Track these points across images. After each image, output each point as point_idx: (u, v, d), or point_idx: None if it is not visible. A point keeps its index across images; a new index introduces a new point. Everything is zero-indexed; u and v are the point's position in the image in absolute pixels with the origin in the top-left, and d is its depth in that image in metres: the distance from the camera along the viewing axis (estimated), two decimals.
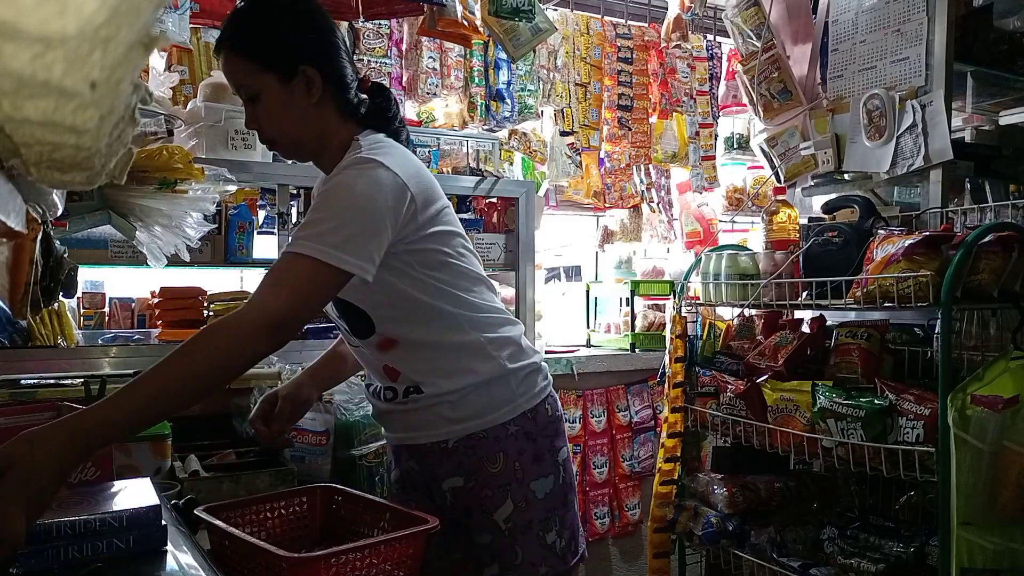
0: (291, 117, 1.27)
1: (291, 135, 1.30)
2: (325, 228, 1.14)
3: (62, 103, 0.52)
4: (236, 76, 1.28)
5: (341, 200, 1.18)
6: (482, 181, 2.47)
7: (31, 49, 0.47)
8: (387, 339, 1.31)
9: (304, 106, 1.27)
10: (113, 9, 0.47)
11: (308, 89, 1.26)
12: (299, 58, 1.25)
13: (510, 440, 1.32)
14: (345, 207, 1.17)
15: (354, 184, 1.18)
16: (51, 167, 0.60)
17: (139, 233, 1.65)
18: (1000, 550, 1.40)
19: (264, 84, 1.25)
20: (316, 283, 1.14)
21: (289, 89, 1.26)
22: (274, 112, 1.27)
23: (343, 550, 1.03)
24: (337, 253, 1.12)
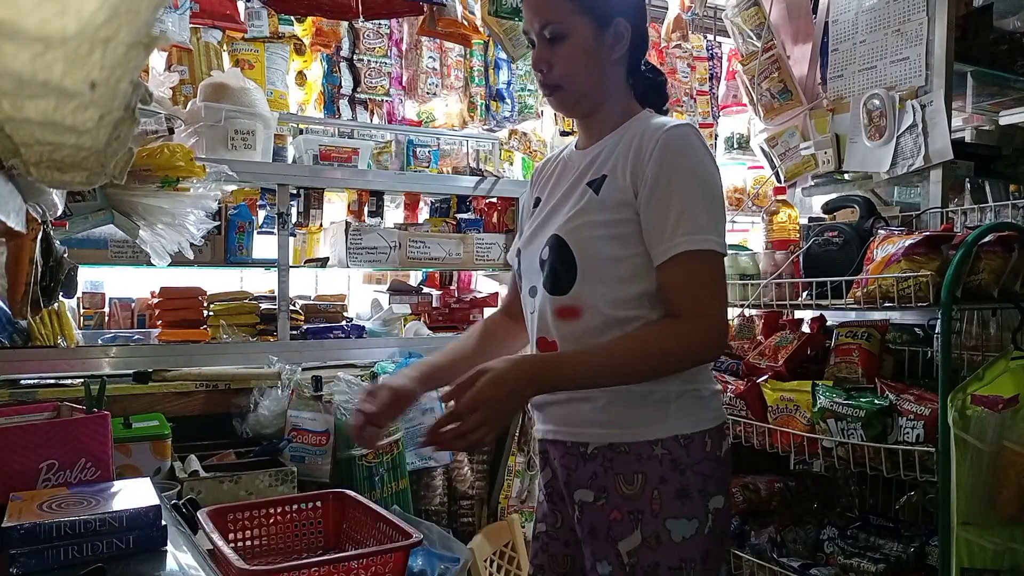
0: (589, 67, 1.20)
1: (581, 86, 1.21)
2: (709, 217, 1.11)
3: (62, 103, 0.52)
4: (546, 12, 1.19)
5: (693, 174, 1.13)
6: (482, 181, 2.47)
7: (31, 49, 0.47)
8: (572, 306, 1.18)
9: (605, 60, 1.20)
10: (113, 9, 0.47)
11: (615, 43, 1.20)
12: (618, 9, 1.20)
13: (653, 463, 1.15)
14: (697, 180, 1.12)
15: (690, 153, 1.13)
16: (51, 167, 0.60)
17: (142, 232, 1.65)
18: (1000, 550, 1.40)
19: (576, 26, 1.17)
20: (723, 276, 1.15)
21: (599, 38, 1.19)
22: (575, 58, 1.19)
23: (299, 565, 1.02)
24: (722, 240, 1.13)
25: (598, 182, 1.19)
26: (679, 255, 1.10)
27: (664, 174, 1.12)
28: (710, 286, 1.11)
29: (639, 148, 1.15)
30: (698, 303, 1.10)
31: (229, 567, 0.99)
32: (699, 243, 1.10)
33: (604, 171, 1.19)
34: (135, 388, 1.86)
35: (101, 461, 1.13)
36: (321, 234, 2.62)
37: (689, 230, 1.10)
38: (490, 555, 2.26)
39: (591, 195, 1.19)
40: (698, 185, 1.12)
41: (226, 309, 2.13)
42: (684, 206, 1.11)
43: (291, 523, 1.29)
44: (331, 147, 2.37)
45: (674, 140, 1.13)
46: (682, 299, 1.11)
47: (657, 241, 1.13)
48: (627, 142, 1.18)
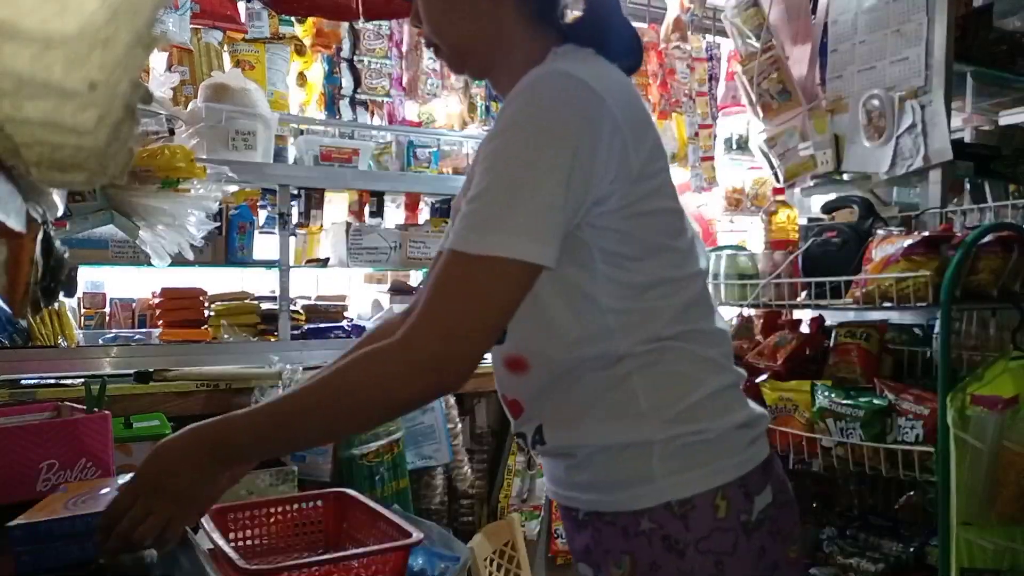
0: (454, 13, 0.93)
1: (454, 36, 0.94)
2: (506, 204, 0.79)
3: (62, 103, 0.52)
4: None
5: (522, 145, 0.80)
6: None
7: (31, 49, 0.47)
8: (515, 357, 0.92)
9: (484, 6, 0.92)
10: (113, 9, 0.48)
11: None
12: None
13: (641, 540, 0.85)
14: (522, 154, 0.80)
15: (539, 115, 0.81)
16: (51, 167, 0.60)
17: (142, 232, 1.66)
18: (1000, 550, 1.40)
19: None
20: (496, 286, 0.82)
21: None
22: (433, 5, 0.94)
23: (300, 564, 1.02)
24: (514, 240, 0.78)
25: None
26: (447, 251, 0.81)
27: (484, 143, 0.86)
28: (439, 296, 0.80)
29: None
30: (424, 310, 0.79)
31: (229, 567, 0.99)
32: (456, 243, 0.79)
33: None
34: (136, 388, 1.86)
35: (102, 461, 1.13)
36: (322, 234, 2.62)
37: (467, 224, 0.79)
38: (490, 554, 2.26)
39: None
40: (514, 154, 0.80)
41: (227, 309, 2.13)
42: (480, 187, 0.80)
43: (291, 522, 1.29)
44: (332, 148, 2.37)
45: (516, 93, 0.83)
46: (421, 303, 0.81)
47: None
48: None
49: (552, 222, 0.79)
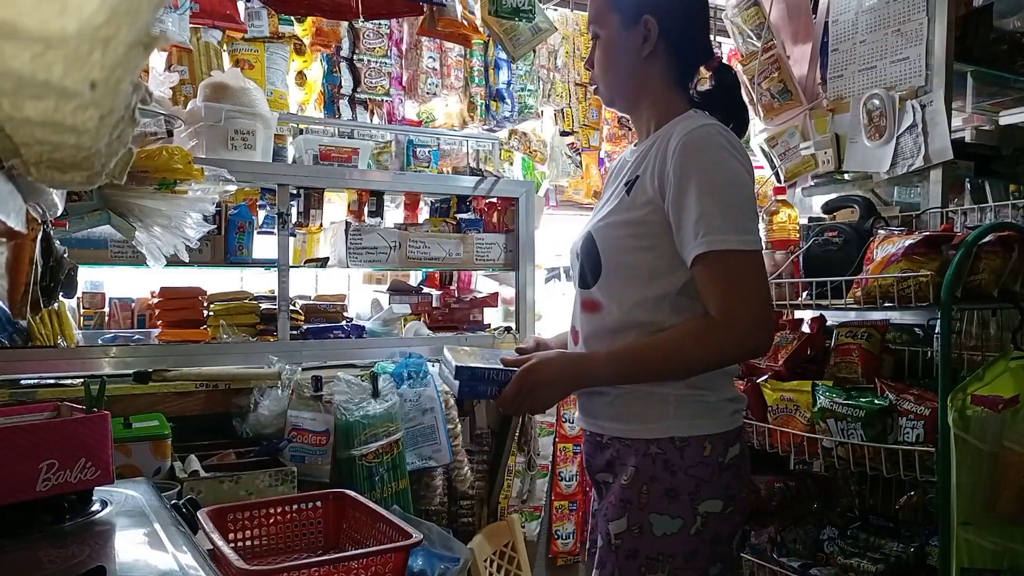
0: (618, 64, 1.27)
1: (612, 82, 1.30)
2: (728, 216, 1.14)
3: (62, 103, 0.52)
4: (592, 10, 1.30)
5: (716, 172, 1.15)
6: (482, 181, 2.47)
7: (31, 49, 0.47)
8: (595, 301, 1.26)
9: (634, 57, 1.25)
10: (113, 9, 0.47)
11: (643, 39, 1.25)
12: (647, 7, 1.24)
13: (647, 459, 1.20)
14: (720, 178, 1.15)
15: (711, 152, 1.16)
16: (51, 167, 0.60)
17: (138, 233, 1.65)
18: (1000, 550, 1.40)
19: (607, 23, 1.26)
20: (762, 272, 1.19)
21: (627, 35, 1.25)
22: (605, 55, 1.28)
23: (299, 565, 1.02)
24: (748, 237, 1.15)
25: (632, 182, 1.23)
26: (700, 256, 1.13)
27: (684, 176, 1.15)
28: (735, 286, 1.13)
29: (665, 150, 1.18)
30: (723, 304, 1.13)
31: (229, 567, 0.99)
32: (716, 243, 1.12)
33: (639, 172, 1.23)
34: (135, 388, 1.86)
35: (101, 461, 1.12)
36: (321, 234, 2.62)
37: (707, 231, 1.12)
38: (490, 555, 2.26)
39: (623, 195, 1.24)
40: (717, 185, 1.14)
41: (226, 309, 2.13)
42: (702, 208, 1.13)
43: (291, 523, 1.29)
44: (331, 147, 2.37)
45: (695, 141, 1.16)
46: (710, 301, 1.15)
47: (683, 245, 1.16)
48: (661, 143, 1.21)
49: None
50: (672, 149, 1.17)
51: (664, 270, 1.19)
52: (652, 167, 1.20)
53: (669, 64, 1.27)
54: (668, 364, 1.17)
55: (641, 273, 1.20)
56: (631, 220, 1.20)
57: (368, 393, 2.04)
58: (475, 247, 2.44)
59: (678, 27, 1.26)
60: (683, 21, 1.27)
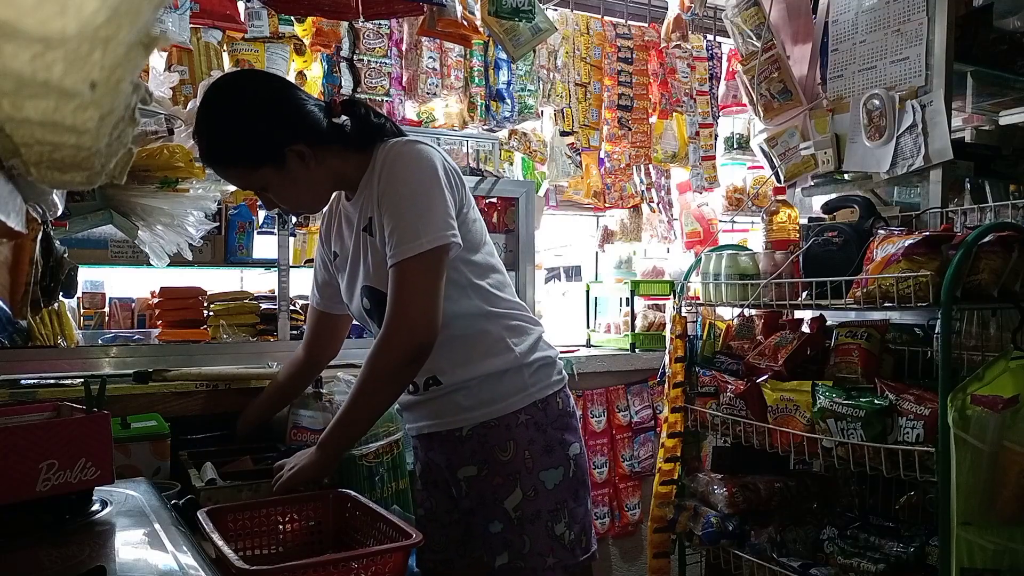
0: (302, 189, 1.35)
1: (311, 200, 1.40)
2: (417, 220, 1.27)
3: (62, 103, 0.52)
4: (237, 182, 1.39)
5: (409, 184, 1.29)
6: (482, 181, 2.47)
7: (31, 49, 0.47)
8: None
9: (308, 174, 1.34)
10: (113, 9, 0.47)
11: (303, 160, 1.33)
12: (281, 144, 1.31)
13: (520, 429, 1.36)
14: (413, 187, 1.29)
15: (407, 164, 1.30)
16: (51, 167, 0.60)
17: (141, 232, 1.65)
18: (1000, 550, 1.40)
19: (265, 177, 1.32)
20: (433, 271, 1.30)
21: (287, 170, 1.32)
22: (287, 194, 1.36)
23: (300, 565, 1.02)
24: (436, 234, 1.27)
25: (369, 226, 1.35)
26: (393, 267, 1.27)
27: (387, 192, 1.30)
28: (410, 288, 1.27)
29: (376, 176, 1.32)
30: (394, 311, 1.27)
31: (229, 567, 0.99)
32: (403, 253, 1.25)
33: (369, 213, 1.35)
34: (135, 388, 1.86)
35: (101, 461, 1.12)
36: None
37: (400, 240, 1.26)
38: None
39: (369, 239, 1.35)
40: (408, 198, 1.28)
41: (226, 309, 2.13)
42: (396, 220, 1.27)
43: (291, 523, 1.29)
44: None
45: (390, 157, 1.31)
46: (390, 309, 1.28)
47: (388, 253, 1.28)
48: (375, 177, 1.34)
49: None
50: (376, 175, 1.32)
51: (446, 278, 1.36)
52: (374, 199, 1.33)
53: (329, 147, 1.35)
54: (369, 395, 1.33)
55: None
56: (385, 256, 1.32)
57: None
58: None
59: (308, 127, 1.33)
60: (305, 118, 1.33)
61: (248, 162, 1.31)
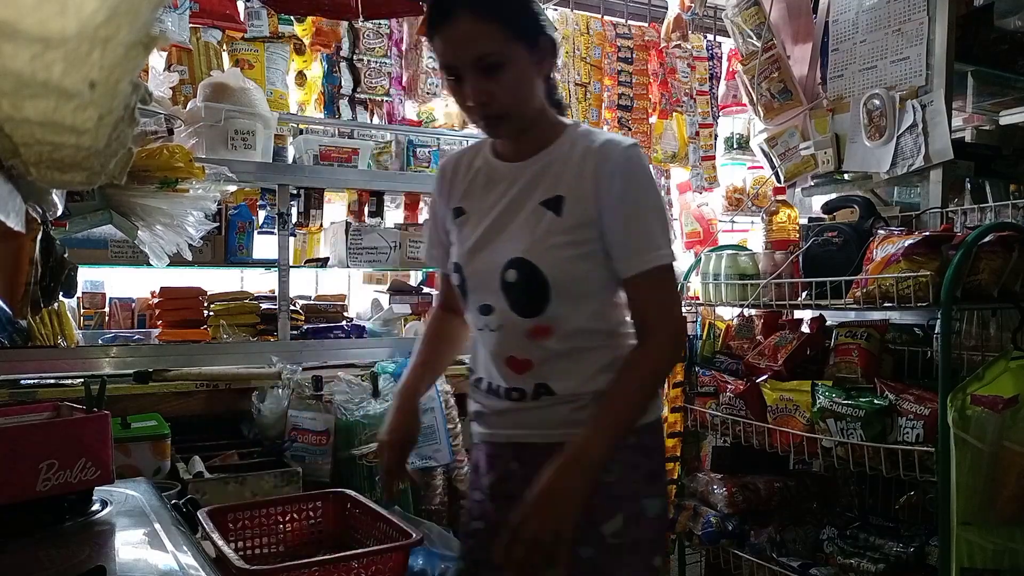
0: (530, 89, 1.20)
1: (526, 110, 1.21)
2: (665, 233, 1.22)
3: (62, 103, 0.52)
4: (478, 44, 1.14)
5: (652, 193, 1.22)
6: None
7: (31, 49, 0.47)
8: (545, 326, 1.22)
9: (538, 79, 1.21)
10: (113, 9, 0.47)
11: (543, 60, 1.20)
12: (541, 26, 1.20)
13: (628, 451, 1.23)
14: (656, 199, 1.23)
15: (647, 174, 1.23)
16: (51, 167, 0.60)
17: (141, 232, 1.65)
18: (1000, 550, 1.40)
19: (513, 53, 1.15)
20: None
21: (534, 59, 1.19)
22: (520, 83, 1.18)
23: (300, 564, 1.02)
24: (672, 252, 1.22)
25: (554, 202, 1.21)
26: (649, 271, 1.19)
27: (630, 195, 1.19)
28: (672, 296, 1.23)
29: (598, 168, 1.20)
30: (664, 314, 1.21)
31: (229, 567, 0.99)
32: (663, 258, 1.19)
33: (559, 191, 1.21)
34: (135, 388, 1.86)
35: (101, 461, 1.12)
36: (321, 234, 2.62)
37: (655, 247, 1.19)
38: None
39: (551, 216, 1.20)
40: (656, 204, 1.22)
41: (226, 309, 2.13)
42: (648, 224, 1.20)
43: (292, 523, 1.29)
44: (331, 147, 2.37)
45: (634, 161, 1.21)
46: (653, 312, 1.21)
47: (624, 257, 1.20)
48: (577, 160, 1.21)
49: None
50: (608, 168, 1.18)
51: (606, 281, 1.23)
52: (581, 185, 1.20)
53: (545, 79, 1.25)
54: (641, 394, 1.21)
55: (589, 288, 1.22)
56: (572, 241, 1.20)
57: (368, 393, 2.04)
58: None
59: (550, 41, 1.23)
60: (551, 34, 1.24)
61: (513, 25, 1.15)
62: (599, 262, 1.21)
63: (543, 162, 1.23)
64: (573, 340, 1.23)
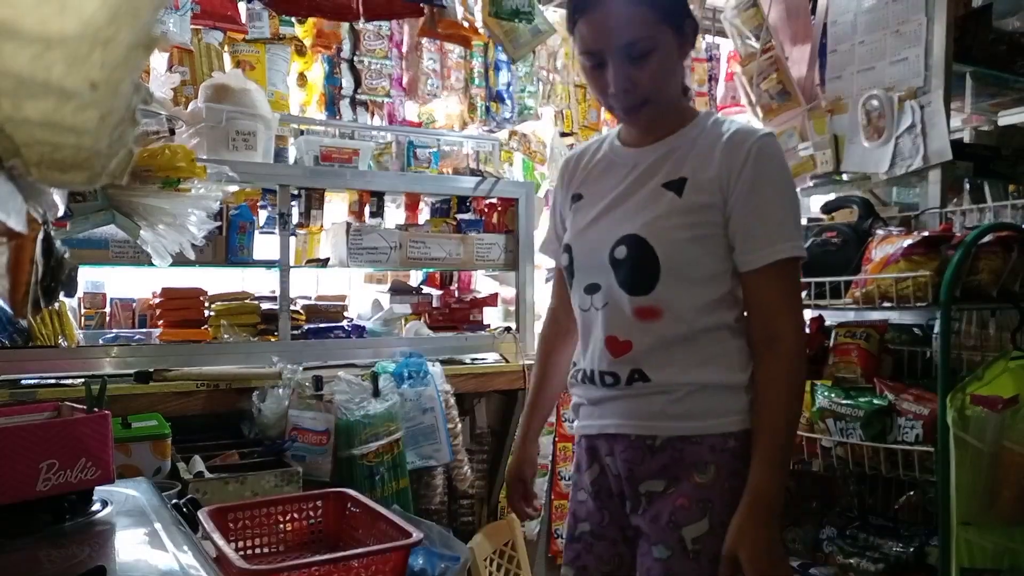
0: (672, 75, 1.18)
1: (665, 96, 1.18)
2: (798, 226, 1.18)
3: (62, 103, 0.52)
4: (630, 28, 1.11)
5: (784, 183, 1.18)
6: (482, 182, 2.47)
7: (31, 49, 0.47)
8: (653, 307, 1.16)
9: (679, 64, 1.19)
10: (113, 10, 0.48)
11: (685, 44, 1.18)
12: (687, 9, 1.18)
13: (727, 455, 1.15)
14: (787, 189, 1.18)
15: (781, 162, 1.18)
16: (51, 167, 0.60)
17: (143, 232, 1.66)
18: (1000, 550, 1.40)
19: (662, 38, 1.13)
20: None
21: (678, 43, 1.16)
22: (663, 69, 1.15)
23: (300, 564, 1.02)
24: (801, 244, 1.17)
25: (677, 184, 1.17)
26: (779, 261, 1.13)
27: (762, 182, 1.14)
28: (799, 295, 1.19)
29: (729, 154, 1.15)
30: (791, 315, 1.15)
31: (230, 567, 0.99)
32: (794, 250, 1.14)
33: (682, 173, 1.17)
34: (136, 388, 1.86)
35: (101, 461, 1.13)
36: (322, 234, 2.62)
37: (787, 237, 1.13)
38: (490, 554, 2.26)
39: (672, 197, 1.16)
40: (788, 194, 1.17)
41: (227, 309, 2.13)
42: (782, 214, 1.14)
43: (292, 522, 1.29)
44: (332, 148, 2.37)
45: (768, 149, 1.16)
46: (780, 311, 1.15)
47: (751, 247, 1.14)
48: (706, 145, 1.17)
49: None
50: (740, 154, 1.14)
51: (720, 272, 1.18)
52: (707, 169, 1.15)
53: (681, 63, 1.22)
54: (796, 406, 1.16)
55: (702, 274, 1.17)
56: (690, 223, 1.15)
57: (369, 393, 2.04)
58: (475, 247, 2.45)
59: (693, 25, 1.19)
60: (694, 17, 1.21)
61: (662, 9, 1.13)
62: (715, 250, 1.16)
63: (670, 146, 1.20)
64: (679, 326, 1.16)
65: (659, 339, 1.17)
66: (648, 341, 1.17)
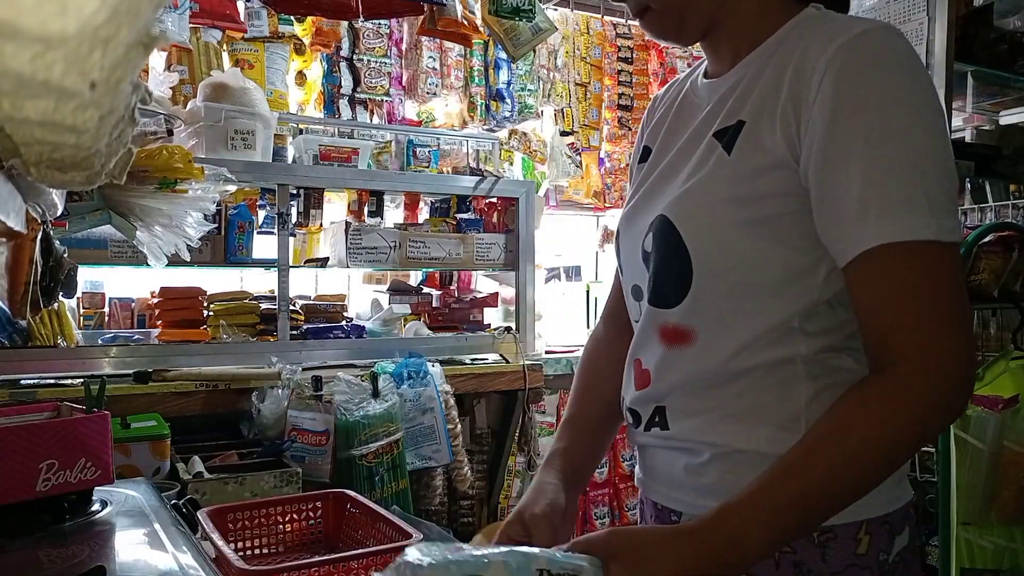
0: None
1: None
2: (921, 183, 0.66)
3: (62, 103, 0.52)
4: None
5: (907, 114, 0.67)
6: (482, 181, 2.47)
7: (31, 49, 0.47)
8: (680, 328, 0.79)
9: None
10: (113, 9, 0.47)
11: None
12: None
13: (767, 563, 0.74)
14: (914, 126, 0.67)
15: (912, 82, 0.68)
16: (51, 167, 0.60)
17: (139, 233, 1.65)
18: (1000, 550, 1.40)
19: None
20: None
21: None
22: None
23: (300, 565, 1.02)
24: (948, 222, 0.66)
25: (730, 132, 0.75)
26: (872, 251, 0.66)
27: (847, 114, 0.67)
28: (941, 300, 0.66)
29: (800, 72, 0.71)
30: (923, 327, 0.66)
31: (229, 567, 0.99)
32: (902, 231, 0.65)
33: (741, 115, 0.75)
34: (135, 388, 1.86)
35: (101, 461, 1.13)
36: (321, 234, 2.62)
37: (886, 209, 0.66)
38: None
39: (720, 154, 0.76)
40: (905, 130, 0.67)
41: (226, 309, 2.13)
42: (881, 168, 0.66)
43: (291, 523, 1.29)
44: (331, 147, 2.37)
45: (862, 54, 0.68)
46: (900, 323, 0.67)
47: (837, 228, 0.69)
48: (779, 64, 0.74)
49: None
50: (817, 69, 0.69)
51: (795, 275, 0.73)
52: (773, 104, 0.72)
53: None
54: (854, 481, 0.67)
55: (762, 281, 0.74)
56: (740, 196, 0.73)
57: (368, 393, 2.04)
58: (475, 247, 2.44)
59: None
60: None
61: None
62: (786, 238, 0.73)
63: (742, 74, 0.78)
64: (715, 357, 0.76)
65: (685, 375, 0.78)
66: (672, 376, 0.80)
